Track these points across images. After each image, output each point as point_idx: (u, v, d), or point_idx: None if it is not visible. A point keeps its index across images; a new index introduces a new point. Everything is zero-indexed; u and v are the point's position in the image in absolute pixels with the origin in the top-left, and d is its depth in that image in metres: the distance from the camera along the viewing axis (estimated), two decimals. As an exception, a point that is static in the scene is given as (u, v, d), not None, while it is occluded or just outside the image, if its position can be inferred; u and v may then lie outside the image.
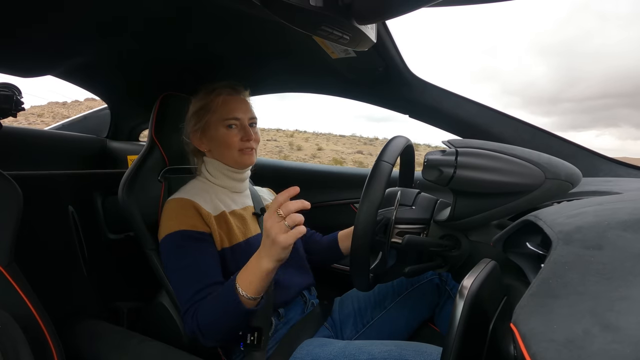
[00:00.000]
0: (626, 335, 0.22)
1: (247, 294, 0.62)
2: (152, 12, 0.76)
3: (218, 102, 0.81)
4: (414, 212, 0.68)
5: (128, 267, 1.05)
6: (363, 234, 0.57)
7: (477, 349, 0.38)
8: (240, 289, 0.62)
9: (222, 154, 0.82)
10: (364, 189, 0.57)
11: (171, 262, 0.73)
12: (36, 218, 0.82)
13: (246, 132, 0.82)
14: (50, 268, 0.86)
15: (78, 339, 0.73)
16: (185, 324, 0.68)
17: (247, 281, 0.62)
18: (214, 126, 0.81)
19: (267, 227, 0.57)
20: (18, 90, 0.75)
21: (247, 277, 0.63)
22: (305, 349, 0.72)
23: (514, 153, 0.54)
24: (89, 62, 1.01)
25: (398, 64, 0.90)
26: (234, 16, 0.78)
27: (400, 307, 0.87)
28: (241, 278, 0.63)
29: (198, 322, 0.65)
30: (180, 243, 0.72)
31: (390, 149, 0.60)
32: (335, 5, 0.41)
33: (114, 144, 1.46)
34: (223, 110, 0.81)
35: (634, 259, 0.27)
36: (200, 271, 0.70)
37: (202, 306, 0.66)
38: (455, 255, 0.66)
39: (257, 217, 0.87)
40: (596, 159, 0.84)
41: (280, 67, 1.07)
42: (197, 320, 0.65)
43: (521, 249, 0.48)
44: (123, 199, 0.80)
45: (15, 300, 0.58)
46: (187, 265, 0.70)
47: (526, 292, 0.30)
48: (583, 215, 0.37)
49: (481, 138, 0.68)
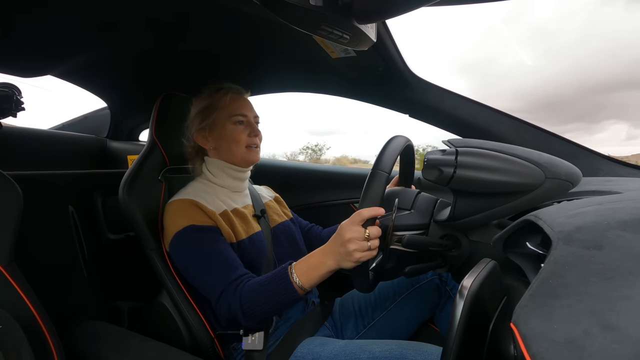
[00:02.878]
0: (626, 335, 0.22)
1: (302, 284, 0.64)
2: (153, 11, 0.76)
3: (226, 100, 0.82)
4: (413, 217, 0.67)
5: (128, 267, 1.05)
6: None
7: (477, 349, 0.38)
8: (296, 277, 0.64)
9: (229, 150, 0.83)
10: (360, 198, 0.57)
11: (189, 255, 0.72)
12: (36, 218, 0.82)
13: (253, 128, 0.85)
14: (50, 268, 0.86)
15: (78, 339, 0.73)
16: (222, 305, 0.68)
17: (305, 272, 0.64)
18: (222, 123, 0.83)
19: (346, 238, 0.58)
20: (18, 90, 0.75)
21: (306, 269, 0.64)
22: (306, 347, 0.72)
23: (514, 153, 0.54)
24: (89, 62, 1.01)
25: (398, 64, 0.90)
26: (234, 16, 0.78)
27: (401, 307, 0.87)
28: (299, 267, 0.65)
29: (241, 302, 0.66)
30: (194, 236, 0.72)
31: (386, 156, 0.58)
32: (335, 5, 0.41)
33: (114, 144, 1.46)
34: (231, 107, 0.83)
35: (634, 258, 0.27)
36: (224, 256, 0.71)
37: (248, 286, 0.67)
38: (455, 255, 0.66)
39: (257, 219, 0.87)
40: (596, 159, 0.84)
41: (280, 66, 1.07)
42: (240, 300, 0.66)
43: (521, 249, 0.48)
44: (123, 199, 0.80)
45: (16, 300, 0.58)
46: (208, 253, 0.71)
47: (526, 292, 0.30)
48: (583, 215, 0.37)
49: (481, 138, 0.68)
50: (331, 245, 0.62)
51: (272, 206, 0.97)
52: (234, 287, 0.67)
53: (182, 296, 0.77)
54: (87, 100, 1.28)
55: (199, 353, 0.73)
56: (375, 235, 0.58)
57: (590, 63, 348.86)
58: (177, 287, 0.77)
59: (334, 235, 0.62)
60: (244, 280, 0.68)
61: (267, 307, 0.65)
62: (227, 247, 0.74)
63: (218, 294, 0.68)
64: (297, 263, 0.66)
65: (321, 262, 0.63)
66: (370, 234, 0.57)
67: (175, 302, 0.77)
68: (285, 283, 0.64)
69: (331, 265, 0.62)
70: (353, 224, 0.58)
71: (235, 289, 0.67)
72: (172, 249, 0.74)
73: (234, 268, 0.70)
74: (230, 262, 0.71)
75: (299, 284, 0.64)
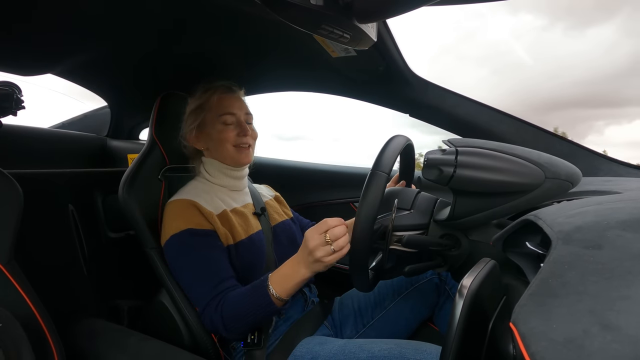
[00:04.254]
0: (626, 334, 0.22)
1: (279, 295, 0.65)
2: (152, 10, 0.76)
3: (214, 99, 0.82)
4: (412, 217, 0.67)
5: (128, 266, 1.05)
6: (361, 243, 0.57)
7: (476, 348, 0.38)
8: (272, 290, 0.65)
9: (218, 150, 0.83)
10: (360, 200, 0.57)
11: (180, 260, 0.73)
12: (36, 216, 0.82)
13: (242, 127, 0.83)
14: (51, 266, 0.86)
15: (78, 338, 0.73)
16: (205, 318, 0.69)
17: (281, 284, 0.66)
18: (211, 123, 0.82)
19: (311, 247, 0.61)
20: (18, 88, 0.75)
21: (281, 281, 0.66)
22: (305, 346, 0.72)
23: (514, 152, 0.54)
24: (89, 61, 1.01)
25: (399, 63, 0.90)
26: (235, 15, 0.78)
27: (400, 307, 0.87)
28: (274, 280, 0.66)
29: (222, 315, 0.67)
30: (189, 241, 0.73)
31: (385, 157, 0.58)
32: (335, 4, 0.41)
33: (114, 143, 1.46)
34: (219, 106, 0.82)
35: (634, 258, 0.27)
36: (213, 265, 0.71)
37: (229, 300, 0.68)
38: (454, 255, 0.66)
39: (257, 217, 0.87)
40: (596, 159, 0.84)
41: (279, 65, 1.07)
42: (221, 314, 0.67)
43: (521, 249, 0.48)
44: (123, 198, 0.80)
45: (16, 298, 0.59)
46: (199, 262, 0.71)
47: (525, 291, 0.30)
48: (583, 214, 0.37)
49: (481, 137, 0.67)
50: (300, 254, 0.65)
51: (273, 205, 0.97)
52: (217, 302, 0.68)
53: (181, 295, 0.77)
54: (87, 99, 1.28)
55: (198, 352, 0.73)
56: (337, 236, 0.60)
57: (534, 83, 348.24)
58: (176, 286, 0.77)
59: (302, 245, 0.64)
60: (226, 292, 0.69)
61: (247, 320, 0.67)
62: (219, 255, 0.74)
63: (202, 307, 0.70)
64: (273, 274, 0.67)
65: (295, 271, 0.65)
66: (330, 237, 0.60)
67: (175, 301, 0.77)
68: (262, 295, 0.65)
69: (305, 273, 0.64)
70: (315, 232, 0.61)
71: (217, 303, 0.68)
72: (166, 251, 0.75)
73: (220, 280, 0.70)
74: (217, 273, 0.71)
75: (276, 296, 0.65)
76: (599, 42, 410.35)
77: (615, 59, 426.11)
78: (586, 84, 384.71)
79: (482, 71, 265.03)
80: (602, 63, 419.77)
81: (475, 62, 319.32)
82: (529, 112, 16.73)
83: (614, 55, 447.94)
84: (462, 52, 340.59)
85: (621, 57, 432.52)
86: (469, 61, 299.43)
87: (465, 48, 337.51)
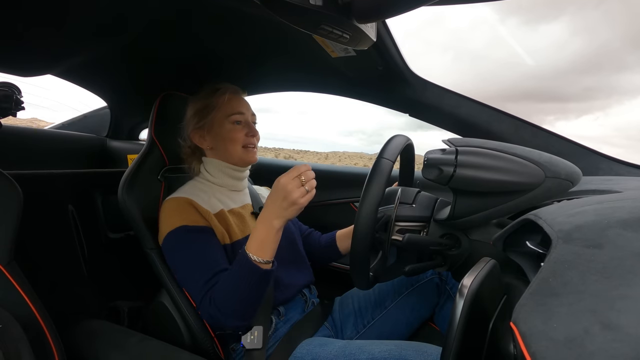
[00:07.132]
0: (626, 334, 0.22)
1: (260, 258, 0.65)
2: (152, 11, 0.76)
3: (223, 99, 0.82)
4: (415, 210, 0.68)
5: (128, 266, 1.06)
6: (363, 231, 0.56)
7: (477, 348, 0.38)
8: (252, 256, 0.65)
9: (226, 150, 0.83)
10: (364, 186, 0.57)
11: (177, 257, 0.73)
12: (36, 217, 0.82)
13: (251, 128, 0.85)
14: (51, 267, 0.86)
15: (78, 338, 0.73)
16: (203, 312, 0.69)
17: (258, 245, 0.65)
18: (219, 123, 0.82)
19: (287, 190, 0.62)
20: (18, 89, 0.75)
21: (257, 241, 0.66)
22: (305, 348, 0.72)
23: (514, 152, 0.54)
24: (89, 61, 1.01)
25: (398, 63, 0.90)
26: (234, 15, 0.78)
27: (401, 307, 0.87)
28: (250, 245, 0.66)
29: (215, 303, 0.66)
30: (184, 237, 0.73)
31: (391, 147, 0.60)
32: (335, 4, 0.41)
33: (114, 143, 1.46)
34: (228, 107, 0.82)
35: (634, 257, 0.27)
36: (208, 260, 0.71)
37: (217, 287, 0.68)
38: (455, 254, 0.66)
39: (255, 217, 0.87)
40: (596, 158, 0.83)
41: (279, 66, 1.07)
42: (214, 302, 0.67)
43: (521, 248, 0.48)
44: (123, 198, 0.80)
45: (16, 299, 0.58)
46: (194, 257, 0.71)
47: (526, 290, 0.30)
48: (583, 214, 0.37)
49: (481, 137, 0.67)
50: (271, 206, 0.65)
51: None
52: (210, 294, 0.68)
53: (181, 295, 0.77)
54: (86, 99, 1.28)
55: (198, 352, 0.73)
56: (310, 177, 0.64)
57: (490, 72, 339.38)
58: (176, 286, 0.77)
59: (272, 195, 0.65)
60: (215, 281, 0.69)
61: (239, 296, 0.66)
62: (214, 249, 0.73)
63: (199, 301, 0.70)
64: (247, 244, 0.67)
65: (267, 226, 0.65)
66: (305, 178, 0.63)
67: (175, 302, 0.77)
68: (246, 264, 0.65)
69: (277, 224, 0.65)
70: (288, 177, 0.63)
71: (207, 291, 0.68)
72: (164, 249, 0.75)
73: (214, 274, 0.70)
74: (212, 267, 0.71)
75: (258, 260, 0.65)
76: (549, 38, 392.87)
77: (563, 57, 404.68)
78: (537, 79, 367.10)
79: (446, 57, 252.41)
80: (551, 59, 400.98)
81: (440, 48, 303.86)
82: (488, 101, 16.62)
83: (564, 52, 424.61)
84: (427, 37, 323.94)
85: (568, 55, 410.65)
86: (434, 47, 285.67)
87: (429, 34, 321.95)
